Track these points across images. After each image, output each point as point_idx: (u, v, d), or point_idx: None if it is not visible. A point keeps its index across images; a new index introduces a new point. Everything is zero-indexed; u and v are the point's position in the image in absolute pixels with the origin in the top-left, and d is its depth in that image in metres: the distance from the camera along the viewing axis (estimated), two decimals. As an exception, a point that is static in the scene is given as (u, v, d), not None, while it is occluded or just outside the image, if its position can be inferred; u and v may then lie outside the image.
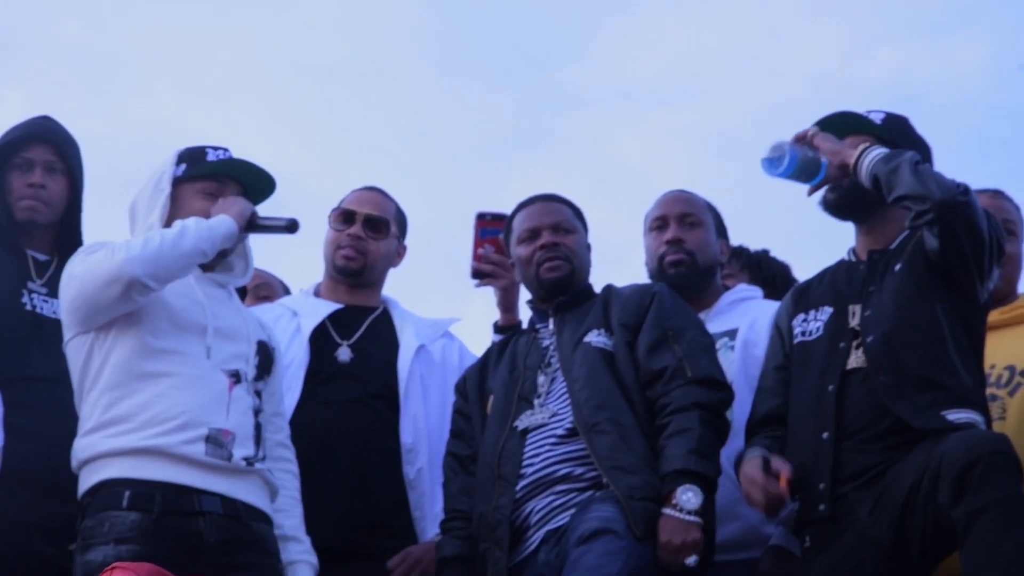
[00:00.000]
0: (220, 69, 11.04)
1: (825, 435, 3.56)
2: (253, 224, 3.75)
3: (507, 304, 4.52)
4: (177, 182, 3.81)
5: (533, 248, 4.07)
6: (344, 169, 10.48)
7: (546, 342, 4.02)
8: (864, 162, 3.60)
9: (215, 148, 3.87)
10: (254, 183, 3.86)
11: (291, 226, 3.78)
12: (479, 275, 4.49)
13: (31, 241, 4.23)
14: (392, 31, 11.10)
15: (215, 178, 3.81)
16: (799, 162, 3.65)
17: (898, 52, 11.40)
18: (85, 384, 3.62)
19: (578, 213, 4.19)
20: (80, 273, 3.59)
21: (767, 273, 4.98)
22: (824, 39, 11.46)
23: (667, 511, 3.58)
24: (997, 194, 4.46)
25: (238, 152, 3.91)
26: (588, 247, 4.17)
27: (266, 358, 3.79)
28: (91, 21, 11.16)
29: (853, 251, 3.89)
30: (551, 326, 4.04)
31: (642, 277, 4.47)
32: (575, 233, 4.12)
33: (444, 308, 4.65)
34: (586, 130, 11.63)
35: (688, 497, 3.58)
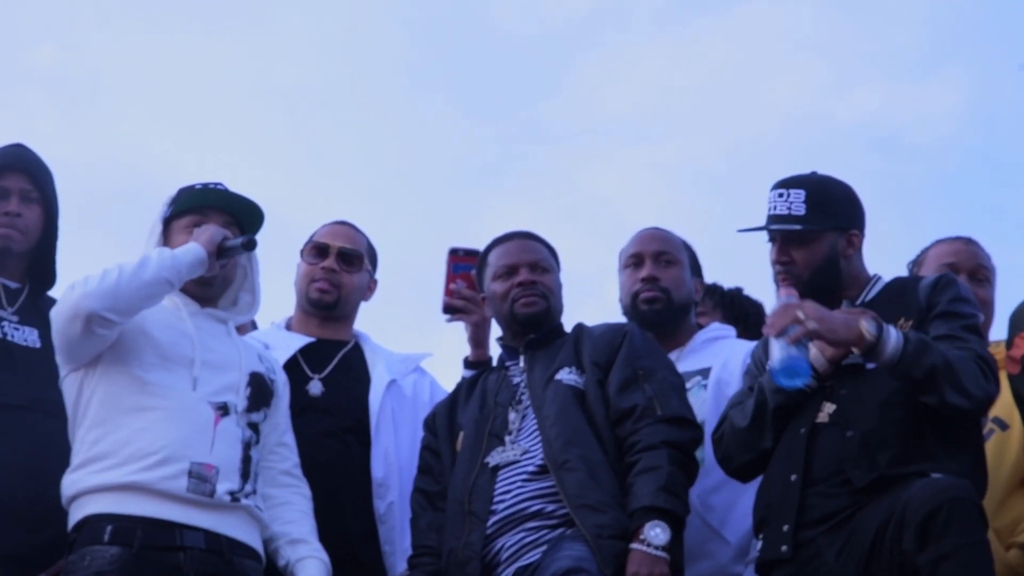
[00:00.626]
0: (196, 95, 11.05)
1: (793, 477, 3.59)
2: (222, 251, 3.74)
3: (478, 340, 4.53)
4: (168, 222, 3.84)
5: (510, 285, 4.09)
6: (317, 199, 10.47)
7: (517, 379, 4.05)
8: (887, 353, 3.48)
9: (205, 183, 3.89)
10: (243, 213, 3.88)
11: (247, 244, 3.78)
12: (450, 310, 4.50)
13: (1, 269, 4.23)
14: (368, 61, 11.15)
15: (197, 211, 3.84)
16: (809, 364, 3.56)
17: (876, 92, 11.43)
18: (76, 420, 3.66)
19: (553, 252, 4.23)
20: (53, 312, 3.64)
21: (740, 312, 4.99)
22: (801, 77, 11.51)
23: (635, 546, 3.59)
24: (970, 242, 4.46)
25: (232, 183, 3.95)
26: (560, 286, 4.19)
27: (260, 389, 3.80)
28: (69, 46, 11.15)
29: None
30: (522, 363, 4.07)
31: (614, 311, 4.50)
32: (551, 272, 4.16)
33: (416, 341, 4.64)
34: (560, 164, 11.67)
35: (656, 533, 3.59)
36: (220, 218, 3.83)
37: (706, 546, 4.11)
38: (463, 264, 4.49)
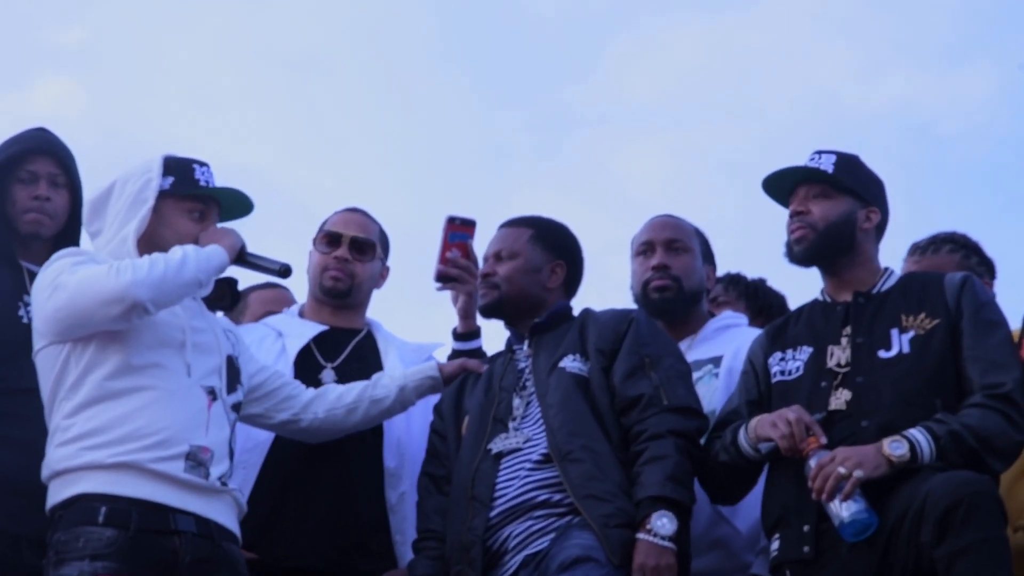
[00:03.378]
0: (215, 72, 10.98)
1: None
2: (242, 258, 3.78)
3: (467, 310, 4.54)
4: (163, 194, 3.80)
5: (480, 276, 4.16)
6: (338, 182, 10.40)
7: (522, 364, 4.07)
8: (925, 461, 3.42)
9: (200, 164, 3.88)
10: (237, 205, 3.91)
11: (283, 271, 3.83)
12: (443, 279, 4.50)
13: (27, 253, 4.24)
14: (394, 41, 11.08)
15: (202, 200, 3.84)
16: (872, 512, 3.45)
17: (906, 80, 11.36)
18: (59, 394, 3.63)
19: (541, 233, 4.16)
20: (73, 285, 3.57)
21: (764, 302, 4.95)
22: (832, 63, 11.45)
23: (641, 536, 3.60)
24: (937, 251, 4.49)
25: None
26: (538, 270, 4.10)
27: (232, 371, 3.81)
28: (94, 26, 11.07)
29: (825, 292, 3.84)
30: (526, 348, 4.08)
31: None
32: (514, 259, 4.12)
33: (445, 326, 4.57)
34: (590, 149, 11.62)
35: (663, 523, 3.60)
36: (217, 209, 3.86)
37: (717, 535, 4.11)
38: (460, 233, 4.48)
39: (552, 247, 4.14)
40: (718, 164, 11.58)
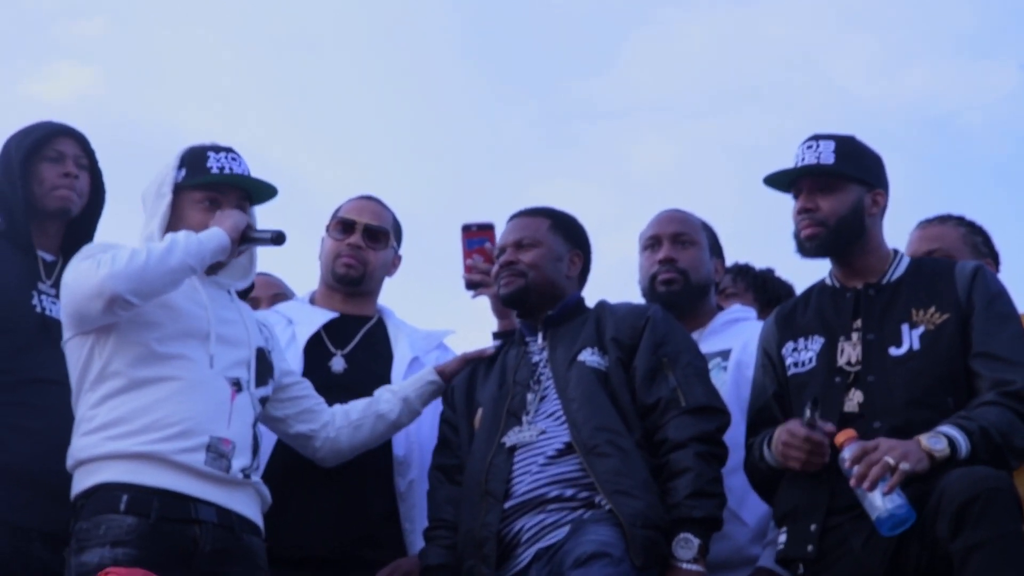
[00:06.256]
0: (242, 64, 10.88)
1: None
2: (246, 237, 3.76)
3: (502, 311, 4.54)
4: (179, 188, 3.80)
5: (499, 266, 4.10)
6: (355, 172, 10.33)
7: (536, 357, 4.04)
8: (961, 458, 3.38)
9: (217, 150, 3.85)
10: (256, 189, 3.88)
11: (277, 238, 3.80)
12: (472, 285, 4.53)
13: (42, 238, 4.21)
14: (414, 37, 11.02)
15: (215, 188, 3.82)
16: (911, 508, 3.39)
17: (928, 72, 11.28)
18: (84, 384, 3.67)
19: (559, 223, 4.14)
20: (70, 281, 3.65)
21: (772, 294, 4.92)
22: (853, 55, 11.35)
23: (672, 561, 3.63)
24: (932, 220, 4.45)
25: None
26: (560, 258, 4.10)
27: (264, 364, 3.83)
28: (112, 17, 10.99)
29: (834, 277, 3.88)
30: (540, 340, 4.05)
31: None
32: (538, 247, 4.08)
33: (467, 316, 4.58)
34: (609, 141, 11.59)
35: (683, 551, 3.62)
36: (235, 195, 3.82)
37: (723, 528, 4.02)
38: (477, 239, 4.52)
39: (569, 237, 4.15)
40: (739, 156, 11.52)
